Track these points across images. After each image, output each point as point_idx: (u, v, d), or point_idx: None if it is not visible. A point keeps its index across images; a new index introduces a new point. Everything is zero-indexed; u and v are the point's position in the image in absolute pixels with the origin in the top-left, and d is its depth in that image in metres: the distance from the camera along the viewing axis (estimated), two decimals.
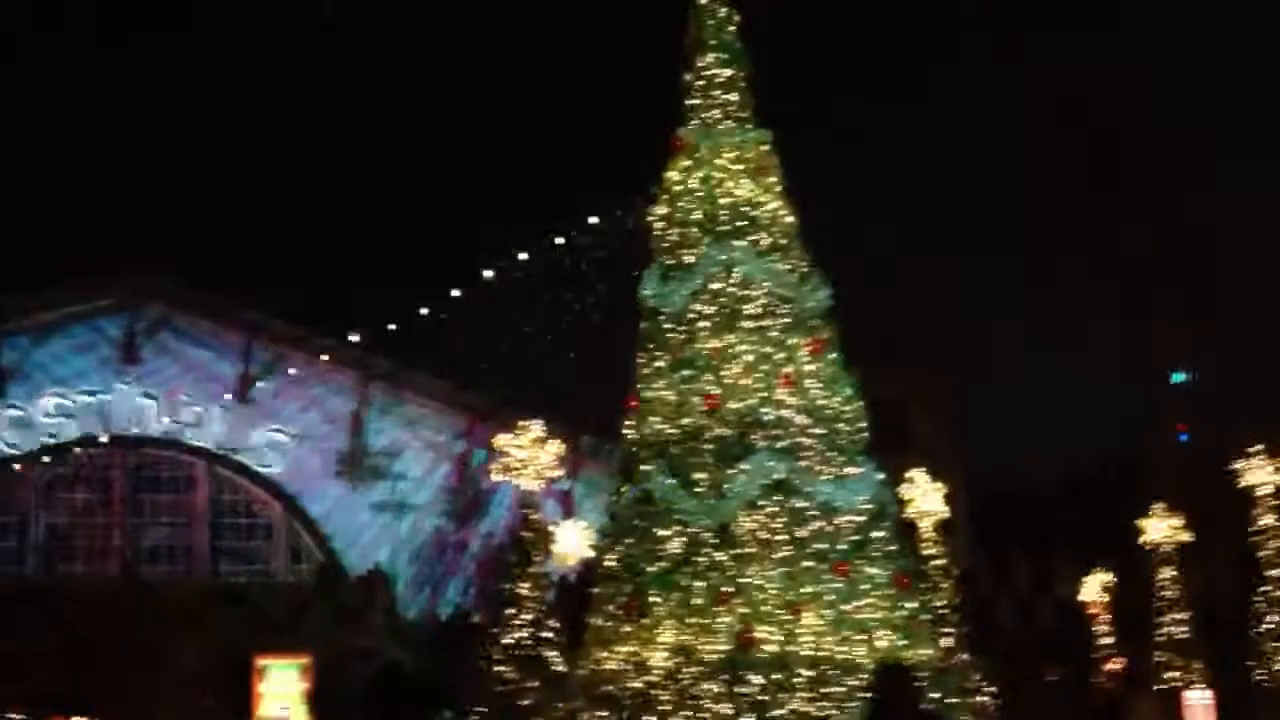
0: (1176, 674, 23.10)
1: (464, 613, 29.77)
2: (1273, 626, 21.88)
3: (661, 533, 13.88)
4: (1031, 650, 28.57)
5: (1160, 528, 24.00)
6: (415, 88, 67.54)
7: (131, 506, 31.99)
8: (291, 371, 32.97)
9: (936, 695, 13.25)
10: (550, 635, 16.35)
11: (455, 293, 24.77)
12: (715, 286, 14.80)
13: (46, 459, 31.80)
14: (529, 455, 16.47)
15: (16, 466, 31.81)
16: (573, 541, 28.72)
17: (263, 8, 65.28)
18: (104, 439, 31.60)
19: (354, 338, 29.81)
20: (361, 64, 70.23)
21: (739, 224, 15.05)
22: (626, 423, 15.11)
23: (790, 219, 15.47)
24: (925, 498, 19.15)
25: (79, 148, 59.99)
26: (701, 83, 15.92)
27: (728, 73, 15.96)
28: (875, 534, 14.11)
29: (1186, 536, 24.06)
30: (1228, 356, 38.06)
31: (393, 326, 25.27)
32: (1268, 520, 22.59)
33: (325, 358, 32.30)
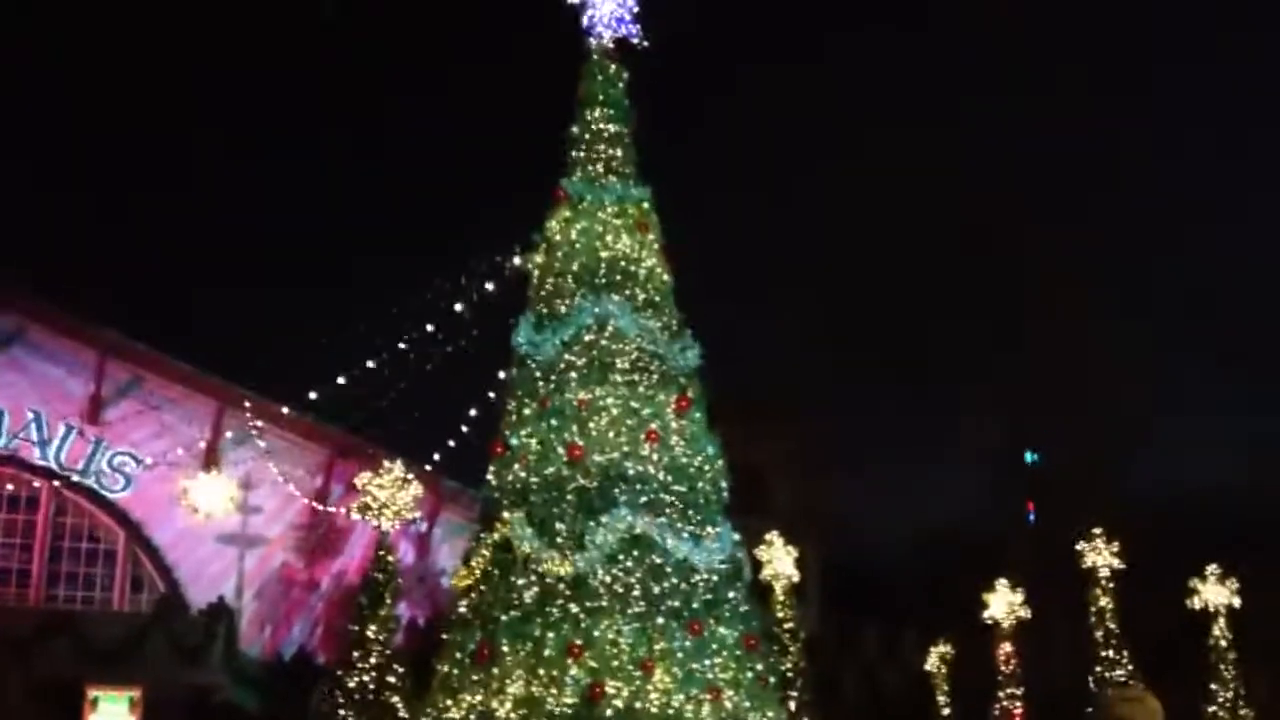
0: None
1: (307, 653, 29.09)
2: None
3: (517, 581, 13.81)
4: (874, 717, 28.97)
5: (1002, 603, 24.63)
6: (300, 115, 66.85)
7: None
8: (145, 394, 32.11)
9: None
10: (395, 680, 16.10)
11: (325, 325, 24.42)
12: (588, 338, 14.91)
13: None
14: (389, 496, 16.28)
15: None
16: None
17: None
18: None
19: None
20: (246, 86, 69.39)
21: (615, 278, 15.21)
22: (490, 468, 15.06)
23: (666, 277, 15.71)
24: (779, 561, 19.40)
25: None
26: (587, 136, 16.13)
27: (613, 128, 16.22)
28: (729, 594, 14.23)
29: (1026, 613, 24.73)
30: (1079, 438, 39.39)
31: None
32: (1104, 602, 23.35)
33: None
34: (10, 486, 30.98)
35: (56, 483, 31.16)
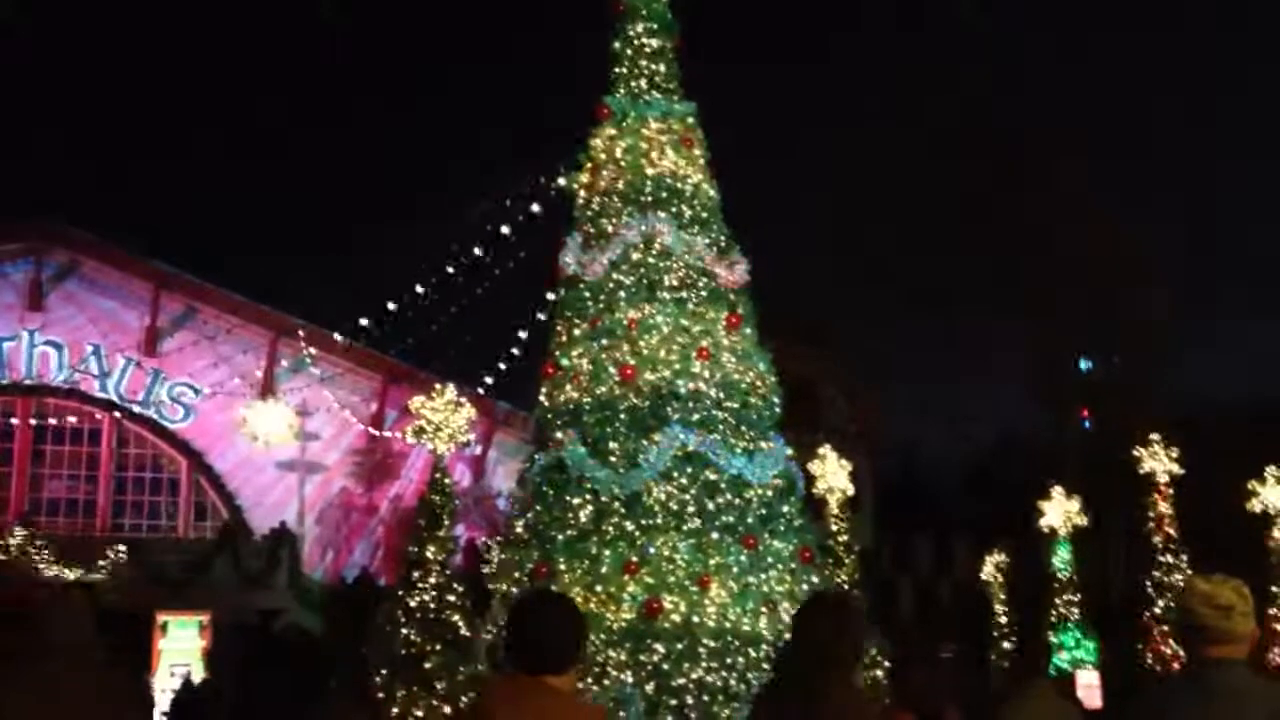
0: (1067, 654, 23.70)
1: (369, 575, 29.59)
2: (1161, 610, 22.52)
3: (572, 501, 13.92)
4: (929, 628, 29.11)
5: (1058, 511, 24.54)
6: (341, 45, 66.44)
7: (33, 457, 31.34)
8: (200, 325, 32.51)
9: None
10: (455, 599, 16.30)
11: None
12: (636, 257, 14.84)
13: None
14: (442, 419, 16.36)
15: None
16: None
17: None
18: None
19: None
20: (286, 20, 69.13)
21: (662, 195, 15.09)
22: (541, 390, 15.11)
23: (713, 193, 15.57)
24: (833, 474, 19.37)
25: None
26: (630, 52, 15.92)
27: (656, 42, 15.98)
28: (783, 508, 14.27)
29: (1083, 520, 24.64)
30: (1132, 345, 38.90)
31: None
32: (1162, 507, 23.23)
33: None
34: (73, 419, 31.55)
35: (118, 414, 31.70)
